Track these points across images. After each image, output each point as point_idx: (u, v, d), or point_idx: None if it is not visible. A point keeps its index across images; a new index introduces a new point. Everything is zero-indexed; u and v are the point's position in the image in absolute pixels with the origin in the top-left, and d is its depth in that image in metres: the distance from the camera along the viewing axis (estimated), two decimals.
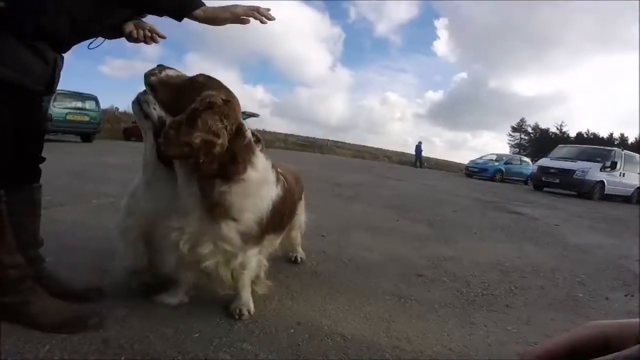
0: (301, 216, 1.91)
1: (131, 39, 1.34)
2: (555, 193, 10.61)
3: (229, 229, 1.18)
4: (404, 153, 36.56)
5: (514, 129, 50.19)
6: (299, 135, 33.79)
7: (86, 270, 1.64)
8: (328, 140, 33.90)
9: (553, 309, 1.88)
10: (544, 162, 11.49)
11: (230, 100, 1.14)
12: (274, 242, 1.45)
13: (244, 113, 1.32)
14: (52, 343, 1.08)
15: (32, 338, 1.09)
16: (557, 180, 10.46)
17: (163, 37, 1.38)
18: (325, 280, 1.85)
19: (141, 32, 1.34)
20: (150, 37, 1.35)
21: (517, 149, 46.43)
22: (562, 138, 40.60)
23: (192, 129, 1.01)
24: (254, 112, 16.00)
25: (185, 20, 1.19)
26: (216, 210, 1.15)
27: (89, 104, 10.85)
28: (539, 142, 44.43)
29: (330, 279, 1.88)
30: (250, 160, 1.18)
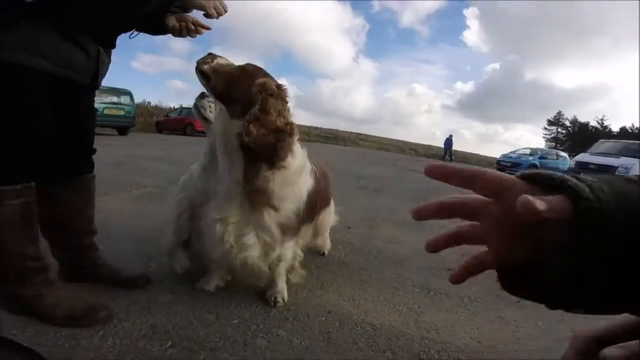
0: (330, 214, 1.90)
1: (175, 33, 1.34)
2: None
3: (270, 219, 1.23)
4: (430, 146, 35.82)
5: (550, 123, 47.85)
6: (322, 128, 33.86)
7: (132, 258, 1.74)
8: (351, 132, 33.75)
9: None
10: (583, 157, 10.91)
11: (281, 84, 1.20)
12: (307, 233, 1.49)
13: None
14: (105, 329, 1.16)
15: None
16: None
17: (208, 29, 1.37)
18: (354, 271, 1.88)
19: (184, 24, 1.33)
20: (195, 29, 1.34)
21: (554, 143, 44.25)
22: (603, 132, 38.22)
23: (269, 116, 1.07)
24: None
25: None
26: (258, 196, 1.19)
27: (124, 99, 11.36)
28: (578, 136, 42.15)
29: (359, 270, 1.91)
30: (290, 147, 1.22)
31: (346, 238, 2.42)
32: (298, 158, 1.25)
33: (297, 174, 1.25)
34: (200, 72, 1.18)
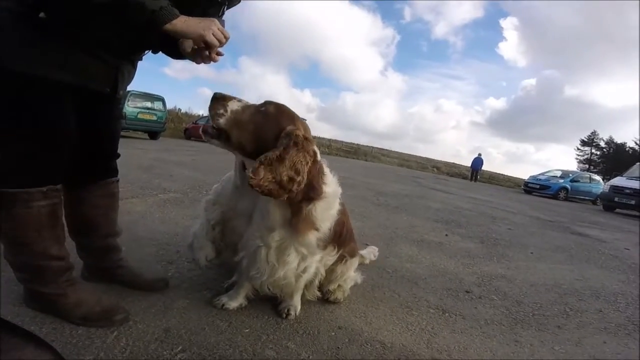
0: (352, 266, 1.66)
1: (189, 56, 1.29)
2: (629, 215, 9.52)
3: (312, 237, 1.28)
4: (454, 164, 35.05)
5: (584, 143, 45.84)
6: (343, 142, 33.92)
7: (153, 261, 1.81)
8: (373, 147, 33.60)
9: (607, 332, 1.76)
10: (619, 181, 10.42)
11: (308, 136, 1.16)
12: (329, 257, 1.46)
13: None
14: (120, 330, 1.20)
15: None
16: (633, 202, 9.41)
17: (221, 55, 1.30)
18: (367, 288, 1.86)
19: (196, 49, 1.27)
20: (209, 56, 1.25)
21: (587, 165, 42.28)
22: None
23: (281, 166, 1.06)
24: (302, 117, 16.34)
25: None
26: (304, 225, 1.23)
27: (157, 104, 11.87)
28: (613, 158, 40.07)
29: (373, 287, 1.90)
30: (323, 181, 1.26)
31: None
32: (331, 185, 1.29)
33: (334, 198, 1.29)
34: (217, 128, 1.15)
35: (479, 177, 20.07)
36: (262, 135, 1.13)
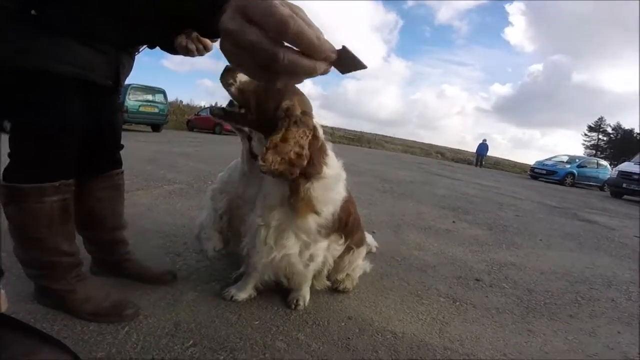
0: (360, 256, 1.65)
1: (182, 50, 1.27)
2: (638, 202, 9.41)
3: (312, 222, 1.25)
4: (459, 150, 34.84)
5: (591, 129, 45.30)
6: (346, 129, 33.73)
7: (160, 253, 1.80)
8: (376, 134, 33.43)
9: (621, 322, 1.74)
10: (627, 166, 10.24)
11: (307, 111, 1.16)
12: (337, 246, 1.45)
13: None
14: (130, 325, 1.19)
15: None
16: None
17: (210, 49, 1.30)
18: (376, 277, 1.85)
19: (192, 45, 1.26)
20: (204, 46, 1.28)
21: (593, 151, 41.84)
22: None
23: (286, 146, 1.07)
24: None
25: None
26: (303, 205, 1.21)
27: (158, 97, 11.82)
28: (621, 144, 39.58)
29: (382, 276, 1.88)
30: (324, 161, 1.23)
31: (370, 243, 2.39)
32: (333, 167, 1.27)
33: (335, 180, 1.27)
34: (230, 93, 1.16)
35: (484, 162, 19.94)
36: (264, 105, 1.15)
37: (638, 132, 40.88)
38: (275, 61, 0.35)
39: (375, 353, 1.23)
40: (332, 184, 1.26)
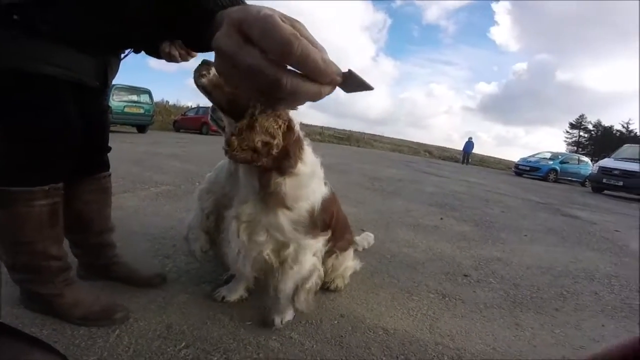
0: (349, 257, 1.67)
1: (169, 58, 1.29)
2: (618, 197, 9.72)
3: (284, 218, 1.22)
4: (446, 148, 35.35)
5: (572, 126, 46.46)
6: (335, 128, 33.82)
7: (149, 256, 1.78)
8: (365, 133, 33.64)
9: (605, 315, 1.80)
10: (607, 162, 10.56)
11: None
12: (321, 247, 1.39)
13: None
14: (121, 328, 1.18)
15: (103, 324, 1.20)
16: (621, 183, 9.59)
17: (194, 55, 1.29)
18: (367, 275, 1.87)
19: (175, 51, 1.28)
20: (187, 52, 1.29)
21: (575, 148, 43.00)
22: (628, 137, 36.85)
23: (252, 133, 1.05)
24: None
25: None
26: (272, 199, 1.19)
27: (144, 97, 11.62)
28: (601, 140, 40.80)
29: (372, 274, 1.90)
30: (299, 156, 1.22)
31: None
32: (309, 165, 1.25)
33: (308, 178, 1.25)
34: (201, 87, 1.11)
35: (470, 160, 20.29)
36: (238, 96, 1.12)
37: (617, 129, 42.21)
38: (278, 87, 0.32)
39: (367, 350, 1.25)
40: (306, 181, 1.23)
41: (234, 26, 0.32)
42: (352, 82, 0.34)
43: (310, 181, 1.26)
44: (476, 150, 22.45)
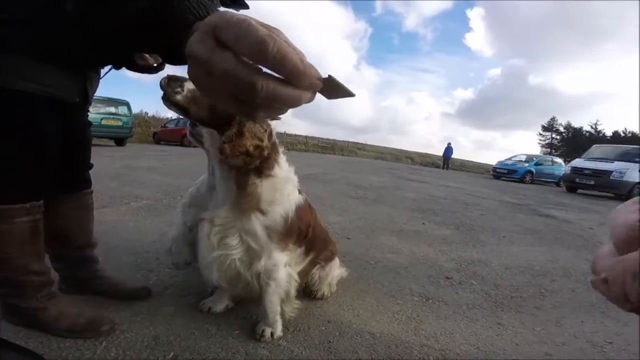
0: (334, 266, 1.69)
1: (144, 70, 1.28)
2: (590, 195, 10.16)
3: (257, 221, 1.22)
4: (427, 154, 36.07)
5: (545, 129, 48.41)
6: (319, 138, 34.06)
7: (132, 270, 1.76)
8: (349, 142, 34.01)
9: (584, 312, 1.87)
10: (578, 162, 11.03)
11: None
12: (296, 256, 1.42)
13: None
14: (108, 340, 1.17)
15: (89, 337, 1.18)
16: (592, 182, 10.04)
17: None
18: (352, 281, 1.89)
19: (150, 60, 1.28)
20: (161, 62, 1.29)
21: (548, 149, 44.68)
22: (597, 137, 38.69)
23: (243, 139, 1.09)
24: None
25: None
26: (247, 201, 1.21)
27: (122, 109, 11.36)
28: (572, 142, 42.59)
29: (358, 280, 1.93)
30: (276, 159, 1.26)
31: (345, 249, 2.44)
32: (284, 169, 1.30)
33: (284, 181, 1.28)
34: (175, 105, 1.08)
35: (450, 165, 20.76)
36: (218, 109, 1.11)
37: (586, 130, 44.21)
38: (252, 91, 0.30)
39: (355, 354, 1.27)
40: (281, 185, 1.26)
41: (207, 32, 0.31)
42: (333, 88, 0.33)
43: (285, 185, 1.29)
44: (456, 154, 23.02)
